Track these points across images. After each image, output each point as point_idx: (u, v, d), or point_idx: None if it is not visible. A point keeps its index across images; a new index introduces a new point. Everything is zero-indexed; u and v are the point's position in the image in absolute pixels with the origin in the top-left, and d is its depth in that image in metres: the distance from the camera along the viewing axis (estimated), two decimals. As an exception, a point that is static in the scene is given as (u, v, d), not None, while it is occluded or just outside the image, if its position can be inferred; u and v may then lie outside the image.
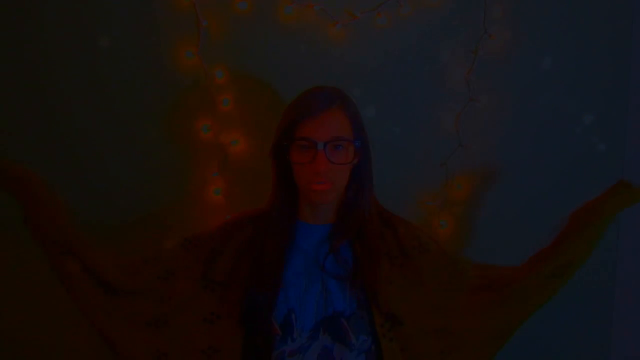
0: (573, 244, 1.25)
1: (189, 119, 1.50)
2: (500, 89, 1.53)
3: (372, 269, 1.21)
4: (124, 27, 1.47)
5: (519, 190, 1.56)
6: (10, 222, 1.25)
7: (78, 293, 1.22)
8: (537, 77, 1.54)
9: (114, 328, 1.24)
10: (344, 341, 1.17)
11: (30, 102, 1.48)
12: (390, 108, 1.53)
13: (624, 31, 1.54)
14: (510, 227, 1.56)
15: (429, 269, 1.26)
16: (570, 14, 1.53)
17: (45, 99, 1.48)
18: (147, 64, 1.48)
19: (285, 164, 1.21)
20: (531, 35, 1.52)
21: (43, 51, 1.47)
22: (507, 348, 1.58)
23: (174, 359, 1.25)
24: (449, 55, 1.52)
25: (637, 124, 1.57)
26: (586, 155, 1.57)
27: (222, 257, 1.26)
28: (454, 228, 1.56)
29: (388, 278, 1.22)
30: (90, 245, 1.23)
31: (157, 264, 1.27)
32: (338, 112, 1.17)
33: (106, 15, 1.46)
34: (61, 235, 1.18)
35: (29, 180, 1.17)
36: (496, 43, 1.51)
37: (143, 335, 1.24)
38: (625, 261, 1.60)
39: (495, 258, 1.32)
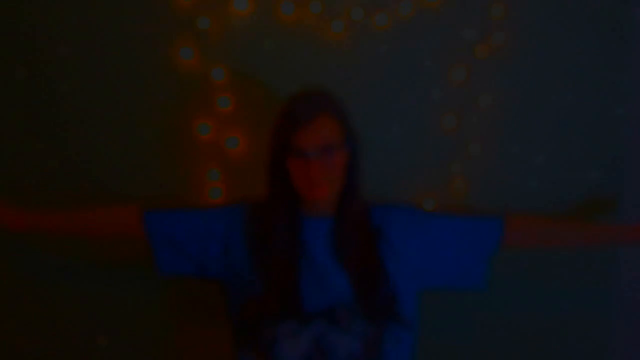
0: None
1: (188, 118, 1.50)
2: (500, 89, 1.53)
3: (374, 260, 1.23)
4: (124, 27, 1.47)
5: (519, 190, 1.56)
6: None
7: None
8: (537, 77, 1.54)
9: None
10: (341, 326, 1.19)
11: (29, 101, 1.48)
12: (390, 108, 1.53)
13: (624, 30, 1.54)
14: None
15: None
16: (570, 13, 1.52)
17: (43, 99, 1.48)
18: (146, 64, 1.48)
19: (282, 172, 1.23)
20: (531, 35, 1.52)
21: (42, 51, 1.47)
22: (507, 348, 1.59)
23: None
24: (449, 55, 1.51)
25: (637, 124, 1.57)
26: (587, 155, 1.57)
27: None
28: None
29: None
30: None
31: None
32: (326, 118, 1.19)
33: (105, 15, 1.46)
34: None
35: None
36: (496, 43, 1.51)
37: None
38: (625, 261, 1.60)
39: (495, 258, 1.32)
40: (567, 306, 1.57)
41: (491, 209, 1.55)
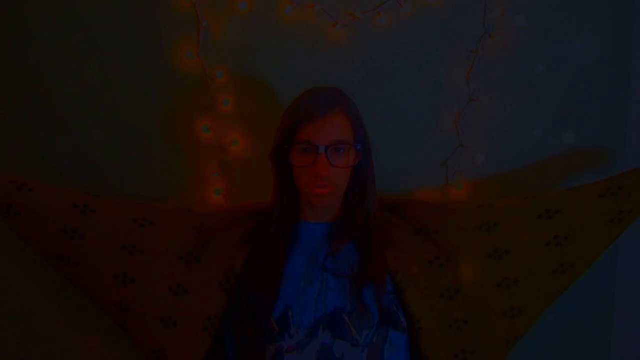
0: (636, 193, 1.29)
1: (189, 119, 1.50)
2: (500, 89, 1.53)
3: (376, 268, 1.22)
4: (124, 27, 1.47)
5: (519, 190, 1.56)
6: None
7: (43, 238, 1.28)
8: (537, 77, 1.54)
9: (83, 277, 1.30)
10: (345, 337, 1.18)
11: (30, 101, 1.48)
12: (390, 108, 1.53)
13: (624, 30, 1.54)
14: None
15: (455, 221, 1.30)
16: (570, 13, 1.52)
17: (45, 99, 1.48)
18: (147, 64, 1.48)
19: (286, 166, 1.21)
20: (531, 35, 1.52)
21: (43, 51, 1.47)
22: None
23: (132, 316, 1.28)
24: (449, 55, 1.51)
25: (637, 123, 1.57)
26: (586, 155, 1.57)
27: (213, 236, 1.28)
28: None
29: (414, 279, 1.24)
30: (41, 192, 1.28)
31: (140, 207, 1.30)
32: (339, 114, 1.18)
33: (106, 15, 1.46)
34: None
35: None
36: (496, 43, 1.51)
37: (109, 285, 1.29)
38: (626, 261, 1.60)
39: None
40: (567, 306, 1.57)
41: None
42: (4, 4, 1.45)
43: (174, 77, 1.48)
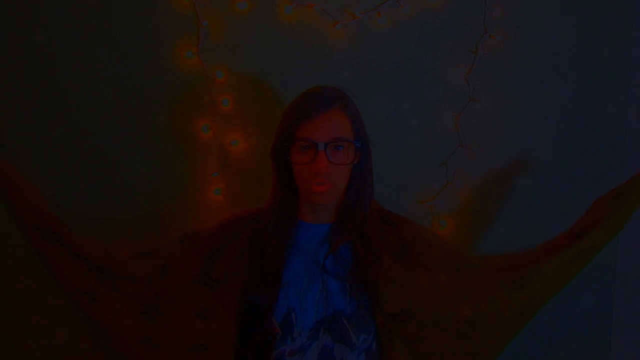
0: (597, 230, 1.22)
1: (189, 118, 1.50)
2: (500, 89, 1.53)
3: (373, 269, 1.21)
4: (124, 27, 1.47)
5: (519, 190, 1.56)
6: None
7: (66, 277, 1.24)
8: (537, 77, 1.54)
9: (104, 314, 1.25)
10: (344, 340, 1.18)
11: (30, 101, 1.48)
12: (390, 108, 1.53)
13: (624, 30, 1.54)
14: (510, 227, 1.57)
15: (432, 258, 1.25)
16: (570, 13, 1.53)
17: (45, 99, 1.48)
18: (147, 64, 1.48)
19: (286, 165, 1.21)
20: (531, 35, 1.52)
21: (43, 50, 1.47)
22: (507, 348, 1.58)
23: (162, 350, 1.25)
24: (449, 55, 1.52)
25: (637, 124, 1.57)
26: (587, 155, 1.57)
27: (221, 255, 1.26)
28: (454, 228, 1.56)
29: (391, 276, 1.21)
30: (76, 233, 1.24)
31: (153, 257, 1.27)
32: (338, 112, 1.18)
33: (106, 15, 1.46)
34: (41, 221, 1.20)
35: (5, 169, 1.20)
36: (496, 43, 1.51)
37: (134, 322, 1.25)
38: (625, 261, 1.60)
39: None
40: (567, 306, 1.57)
41: (491, 209, 1.56)
42: (3, 4, 1.45)
43: (174, 77, 1.48)
